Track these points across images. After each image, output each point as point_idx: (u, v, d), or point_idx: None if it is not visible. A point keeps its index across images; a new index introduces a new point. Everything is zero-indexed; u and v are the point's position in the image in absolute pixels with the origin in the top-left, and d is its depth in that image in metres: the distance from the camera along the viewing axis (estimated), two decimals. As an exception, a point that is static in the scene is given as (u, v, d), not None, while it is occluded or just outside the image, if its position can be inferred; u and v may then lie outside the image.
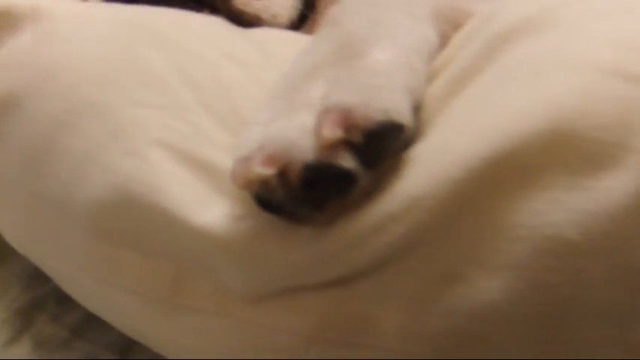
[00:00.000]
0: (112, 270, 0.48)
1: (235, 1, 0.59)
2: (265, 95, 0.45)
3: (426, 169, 0.41)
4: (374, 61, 0.43)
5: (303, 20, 0.63)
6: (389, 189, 0.42)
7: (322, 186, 0.40)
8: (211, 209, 0.44)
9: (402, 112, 0.41)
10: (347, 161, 0.40)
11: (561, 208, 0.39)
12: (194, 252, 0.45)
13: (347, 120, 0.39)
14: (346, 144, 0.39)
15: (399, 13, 0.48)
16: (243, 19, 0.59)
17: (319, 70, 0.43)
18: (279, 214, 0.42)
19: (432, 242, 0.41)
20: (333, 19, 0.48)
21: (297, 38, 0.55)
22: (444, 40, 0.49)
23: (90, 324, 0.62)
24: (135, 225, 0.46)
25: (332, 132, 0.39)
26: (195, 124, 0.46)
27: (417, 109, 0.44)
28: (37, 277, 0.65)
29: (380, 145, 0.41)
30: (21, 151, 0.51)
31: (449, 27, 0.50)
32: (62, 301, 0.63)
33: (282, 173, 0.39)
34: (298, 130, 0.39)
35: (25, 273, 0.65)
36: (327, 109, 0.40)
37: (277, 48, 0.52)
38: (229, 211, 0.43)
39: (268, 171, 0.38)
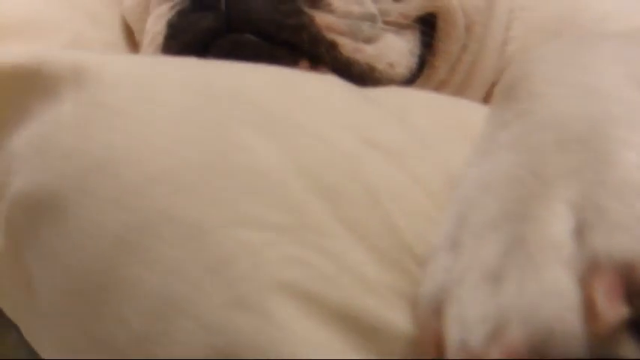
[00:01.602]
0: None
1: (344, 47, 0.41)
2: (450, 211, 0.28)
3: None
4: (635, 169, 0.27)
5: (421, 67, 0.46)
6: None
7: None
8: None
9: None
10: (629, 349, 0.24)
11: None
12: None
13: (630, 284, 0.24)
14: (629, 323, 0.24)
15: (619, 78, 0.32)
16: (354, 71, 0.42)
17: (548, 183, 0.26)
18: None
19: None
20: (526, 90, 0.31)
21: (444, 104, 0.37)
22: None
23: None
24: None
25: (614, 310, 0.23)
26: (336, 254, 0.28)
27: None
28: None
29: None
30: (68, 276, 0.34)
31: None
32: None
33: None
34: (553, 302, 0.23)
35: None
36: (595, 265, 0.23)
37: (425, 121, 0.35)
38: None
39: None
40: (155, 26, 0.44)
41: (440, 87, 0.48)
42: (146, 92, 0.35)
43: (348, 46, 0.41)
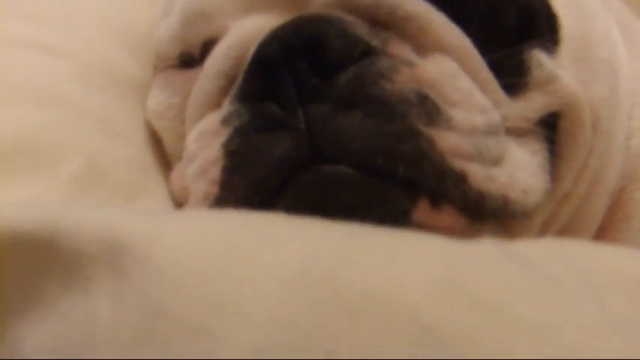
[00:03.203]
0: None
1: (474, 178, 0.28)
2: None
3: None
4: None
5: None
6: None
7: None
8: None
9: None
10: None
11: None
12: None
13: None
14: None
15: None
16: (486, 208, 0.29)
17: None
18: None
19: None
20: None
21: (634, 270, 0.27)
22: None
23: None
24: None
25: None
26: None
27: None
28: None
29: None
30: None
31: None
32: None
33: None
34: None
35: None
36: None
37: (629, 309, 0.24)
38: None
39: None
40: (204, 149, 0.30)
41: (562, 202, 0.35)
42: (229, 293, 0.22)
43: (478, 176, 0.28)
